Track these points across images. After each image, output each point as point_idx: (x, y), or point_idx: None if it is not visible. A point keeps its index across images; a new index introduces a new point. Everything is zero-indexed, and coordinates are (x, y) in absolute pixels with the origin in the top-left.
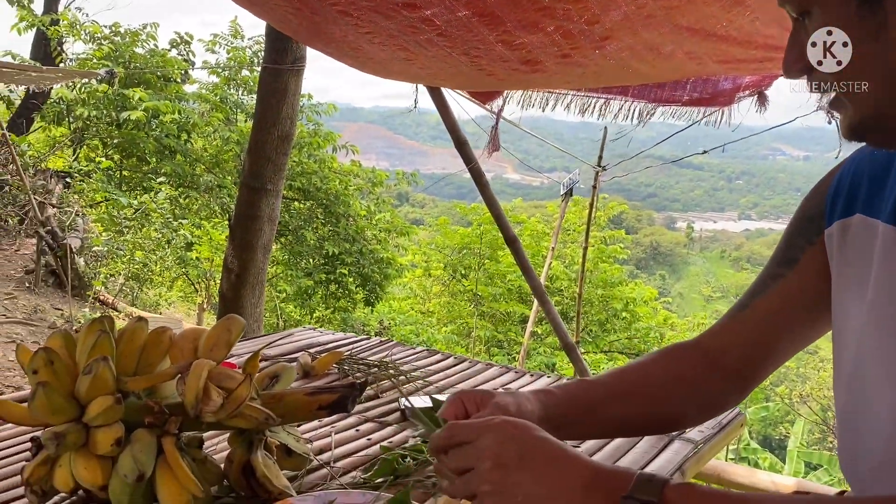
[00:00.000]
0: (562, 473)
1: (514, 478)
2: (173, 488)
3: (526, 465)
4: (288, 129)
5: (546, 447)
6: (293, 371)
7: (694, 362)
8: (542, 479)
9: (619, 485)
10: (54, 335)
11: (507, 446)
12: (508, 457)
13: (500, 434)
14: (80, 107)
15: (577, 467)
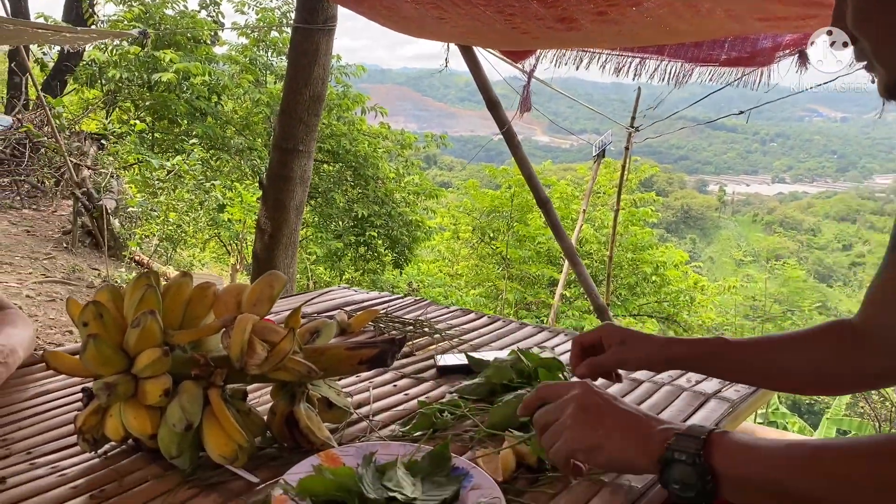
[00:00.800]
0: (634, 421)
1: (595, 416)
2: (220, 438)
3: (605, 410)
4: (319, 89)
5: (621, 403)
6: (333, 326)
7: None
8: (618, 423)
9: (679, 426)
10: (102, 289)
11: (592, 396)
12: (592, 402)
13: (584, 388)
14: (113, 69)
15: (646, 419)
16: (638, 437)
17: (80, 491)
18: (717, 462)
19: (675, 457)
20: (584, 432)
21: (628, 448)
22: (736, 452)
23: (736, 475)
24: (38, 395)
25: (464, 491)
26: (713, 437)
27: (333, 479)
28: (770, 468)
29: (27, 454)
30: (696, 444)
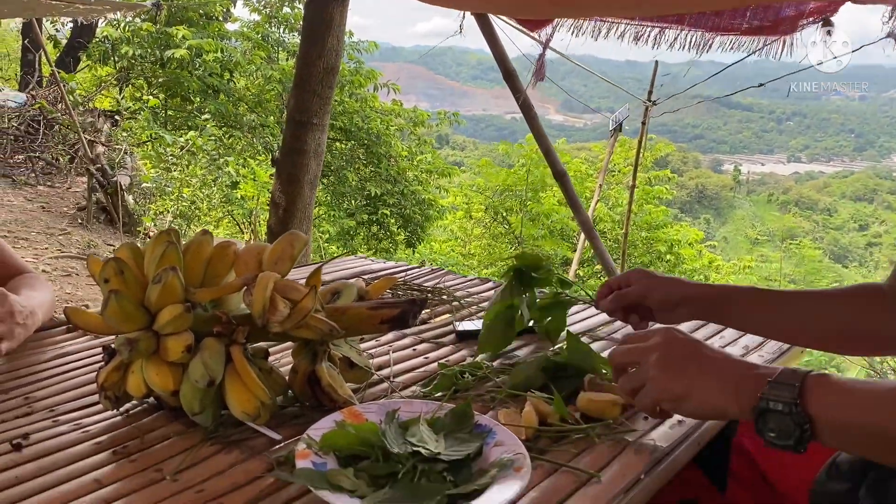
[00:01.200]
0: (720, 368)
1: (679, 364)
2: (242, 395)
3: (689, 359)
4: (333, 61)
5: (708, 347)
6: (354, 287)
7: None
8: (704, 370)
9: (767, 375)
10: (122, 247)
11: (674, 344)
12: (675, 351)
13: (667, 336)
14: (125, 45)
15: (732, 365)
16: (727, 386)
17: (102, 447)
18: (814, 409)
19: (771, 406)
20: (670, 382)
21: (717, 397)
22: (834, 397)
23: (835, 421)
24: (58, 356)
25: (487, 447)
26: (809, 382)
27: (357, 434)
28: (870, 411)
29: (49, 412)
30: (791, 393)
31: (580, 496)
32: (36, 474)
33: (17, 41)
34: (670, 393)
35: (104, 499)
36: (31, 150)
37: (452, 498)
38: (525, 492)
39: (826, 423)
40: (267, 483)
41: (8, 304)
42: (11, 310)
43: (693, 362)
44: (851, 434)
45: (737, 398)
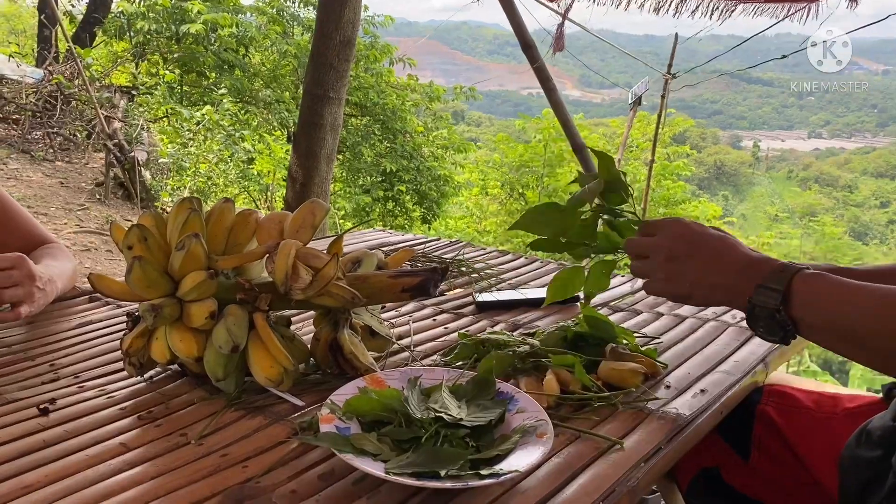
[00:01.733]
0: (720, 266)
1: (681, 268)
2: (265, 361)
3: (692, 259)
4: (350, 34)
5: (711, 243)
6: (375, 256)
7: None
8: (705, 270)
9: (761, 273)
10: (145, 214)
11: (679, 243)
12: (679, 251)
13: (674, 232)
14: (141, 20)
15: (733, 260)
16: (723, 288)
17: (127, 412)
18: (796, 312)
19: (756, 312)
20: (671, 285)
21: (717, 295)
22: (814, 302)
23: (813, 324)
24: (82, 324)
25: (509, 414)
26: (795, 285)
27: (380, 400)
28: (845, 314)
29: (75, 378)
30: (775, 300)
31: (602, 463)
32: (63, 438)
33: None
34: (674, 293)
35: (130, 462)
36: (48, 126)
37: (475, 463)
38: (547, 457)
39: (806, 326)
40: (290, 447)
41: (26, 267)
42: (31, 273)
43: (695, 262)
44: (829, 335)
45: (731, 299)
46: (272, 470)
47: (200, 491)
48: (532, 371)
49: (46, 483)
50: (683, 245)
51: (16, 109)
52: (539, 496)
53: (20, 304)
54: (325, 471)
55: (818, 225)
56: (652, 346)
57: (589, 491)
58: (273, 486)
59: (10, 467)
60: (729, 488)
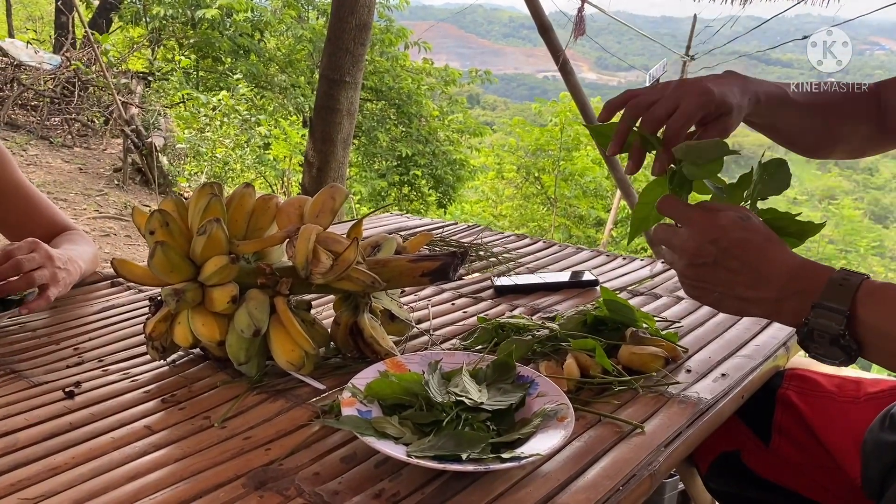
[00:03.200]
0: (755, 278)
1: (708, 276)
2: (287, 345)
3: (720, 266)
4: (365, 17)
5: (744, 250)
6: (394, 240)
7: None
8: (735, 282)
9: (813, 287)
10: (166, 200)
11: (706, 248)
12: (706, 256)
13: (701, 234)
14: (157, 6)
15: (771, 271)
16: (762, 303)
17: (151, 395)
18: (864, 335)
19: (815, 337)
20: (695, 293)
21: (752, 310)
22: (887, 321)
23: (886, 349)
24: (105, 308)
25: (529, 398)
26: (859, 304)
27: (400, 384)
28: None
29: (99, 362)
30: (839, 322)
31: (623, 446)
32: (88, 420)
33: (50, 3)
34: (700, 301)
35: (155, 444)
36: (67, 113)
37: (496, 446)
38: (568, 441)
39: (875, 350)
40: (312, 430)
41: (43, 249)
42: (48, 254)
43: (721, 271)
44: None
45: (778, 314)
46: (295, 453)
47: (224, 473)
48: (552, 355)
49: (74, 465)
50: (711, 250)
51: (34, 96)
52: (560, 479)
53: (46, 288)
54: (347, 454)
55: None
56: (672, 329)
57: (610, 475)
58: (296, 468)
59: (37, 449)
60: (749, 472)
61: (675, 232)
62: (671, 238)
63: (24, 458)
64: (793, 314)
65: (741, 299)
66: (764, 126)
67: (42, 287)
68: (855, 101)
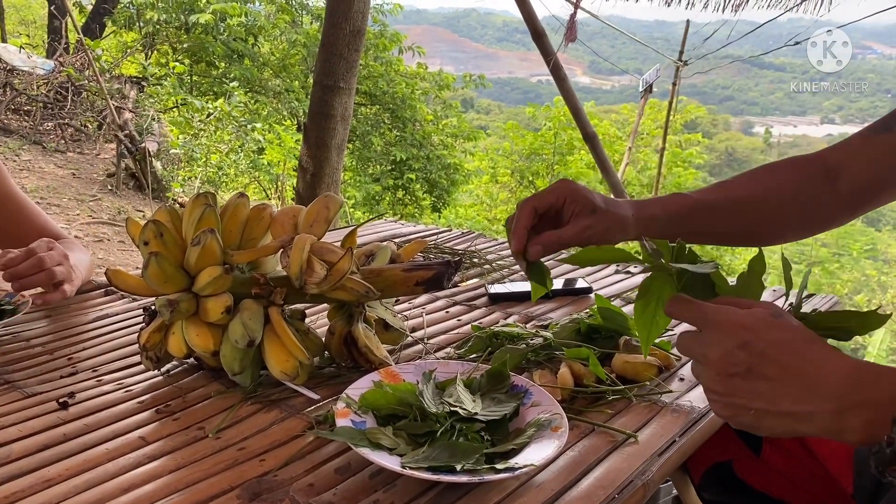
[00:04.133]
0: (803, 390)
1: (741, 389)
2: (281, 355)
3: (756, 377)
4: (359, 23)
5: (785, 351)
6: (388, 250)
7: (810, 177)
8: (777, 396)
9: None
10: (160, 210)
11: (736, 355)
12: (736, 367)
13: (727, 339)
14: (150, 10)
15: (823, 378)
16: (817, 416)
17: (145, 406)
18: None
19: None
20: (728, 411)
21: (803, 429)
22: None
23: None
24: (99, 318)
25: (523, 407)
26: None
27: (395, 394)
28: None
29: (93, 372)
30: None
31: (617, 456)
32: (82, 431)
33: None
34: (734, 423)
35: (149, 455)
36: (60, 118)
37: (490, 457)
38: (562, 451)
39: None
40: (307, 441)
41: (59, 248)
42: (64, 252)
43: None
44: None
45: (840, 431)
46: (289, 463)
47: (219, 484)
48: (546, 364)
49: (68, 476)
50: (742, 357)
51: (27, 101)
52: (554, 490)
53: (62, 283)
54: (341, 464)
55: None
56: (665, 338)
57: (604, 484)
58: (290, 479)
59: (31, 461)
60: (741, 482)
61: (696, 339)
62: (692, 347)
63: (17, 470)
64: (863, 429)
65: (787, 415)
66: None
67: (58, 283)
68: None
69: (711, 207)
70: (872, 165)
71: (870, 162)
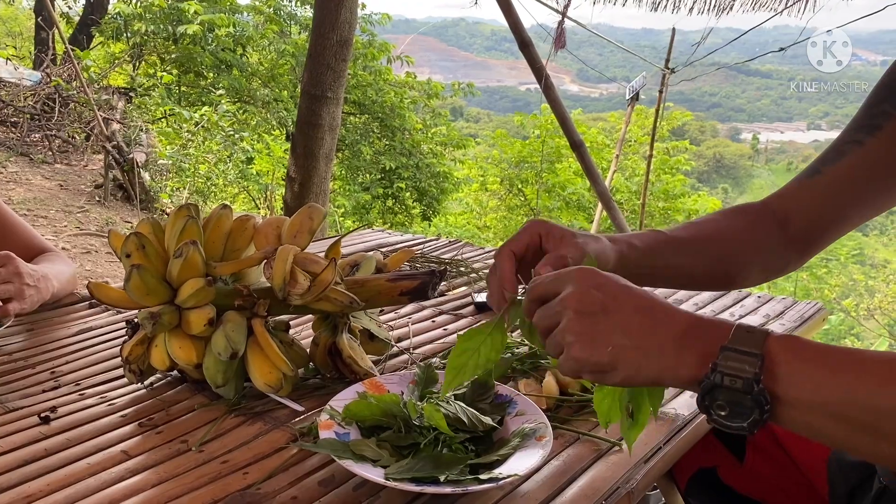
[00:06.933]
0: (653, 323)
1: (600, 325)
2: (264, 367)
3: (612, 313)
4: (347, 33)
5: (634, 296)
6: (373, 260)
7: (762, 223)
8: (631, 328)
9: (718, 334)
10: (143, 222)
11: (591, 294)
12: (593, 304)
13: (582, 282)
14: (138, 21)
15: (669, 317)
16: (663, 349)
17: (128, 419)
18: (781, 386)
19: (725, 382)
20: (588, 350)
21: (650, 365)
22: (803, 371)
23: (808, 401)
24: (82, 331)
25: (508, 417)
26: (772, 347)
27: (379, 405)
28: (850, 390)
29: (76, 385)
30: (753, 366)
31: (602, 464)
32: (64, 446)
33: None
34: (590, 365)
35: (132, 469)
36: (47, 129)
37: (475, 467)
38: (547, 460)
39: (794, 404)
40: (291, 453)
41: (13, 265)
42: (18, 271)
43: (615, 317)
44: (823, 417)
45: (678, 365)
46: (273, 476)
47: (202, 498)
48: (531, 373)
49: (49, 492)
50: (598, 295)
51: (14, 112)
52: (539, 499)
53: (9, 301)
54: (325, 476)
55: None
56: None
57: (588, 493)
58: (274, 492)
59: (11, 476)
60: (726, 488)
61: (552, 283)
62: (548, 290)
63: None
64: (695, 363)
65: (638, 349)
66: (665, 269)
67: (6, 301)
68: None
69: (680, 242)
70: (810, 209)
71: (807, 205)
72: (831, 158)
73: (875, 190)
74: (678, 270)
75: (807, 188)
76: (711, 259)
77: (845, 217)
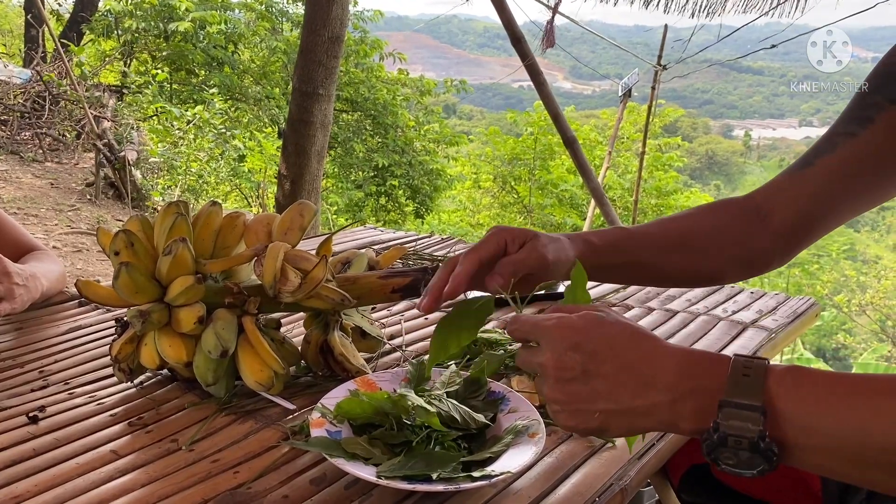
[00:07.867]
0: (638, 383)
1: (582, 393)
2: (255, 365)
3: (593, 378)
4: (338, 30)
5: (616, 350)
6: (365, 257)
7: (743, 217)
8: (616, 392)
9: (712, 382)
10: (132, 219)
11: (568, 357)
12: (572, 369)
13: (558, 343)
14: (129, 19)
15: (655, 369)
16: (655, 409)
17: (118, 418)
18: (789, 436)
19: (730, 443)
20: (574, 419)
21: (645, 423)
22: (814, 415)
23: (816, 446)
24: (71, 329)
25: (501, 414)
26: (776, 396)
27: (370, 403)
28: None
29: (65, 384)
30: (755, 422)
31: (594, 461)
32: (53, 446)
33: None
34: (582, 431)
35: (121, 469)
36: (37, 127)
37: (467, 465)
38: (540, 457)
39: (805, 449)
40: (282, 452)
41: (1, 265)
42: (6, 270)
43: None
44: (842, 461)
45: (675, 421)
46: (264, 475)
47: (192, 497)
48: (524, 370)
49: (37, 493)
50: (575, 358)
51: (3, 110)
52: (532, 496)
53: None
54: (316, 475)
55: None
56: None
57: (581, 490)
58: (265, 491)
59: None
60: (720, 484)
61: (531, 351)
62: (529, 359)
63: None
64: (694, 417)
65: (628, 412)
66: (630, 265)
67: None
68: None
69: (648, 237)
70: (799, 202)
71: (797, 198)
72: (824, 150)
73: (867, 182)
74: (645, 266)
75: (798, 180)
76: (682, 254)
77: (836, 210)
